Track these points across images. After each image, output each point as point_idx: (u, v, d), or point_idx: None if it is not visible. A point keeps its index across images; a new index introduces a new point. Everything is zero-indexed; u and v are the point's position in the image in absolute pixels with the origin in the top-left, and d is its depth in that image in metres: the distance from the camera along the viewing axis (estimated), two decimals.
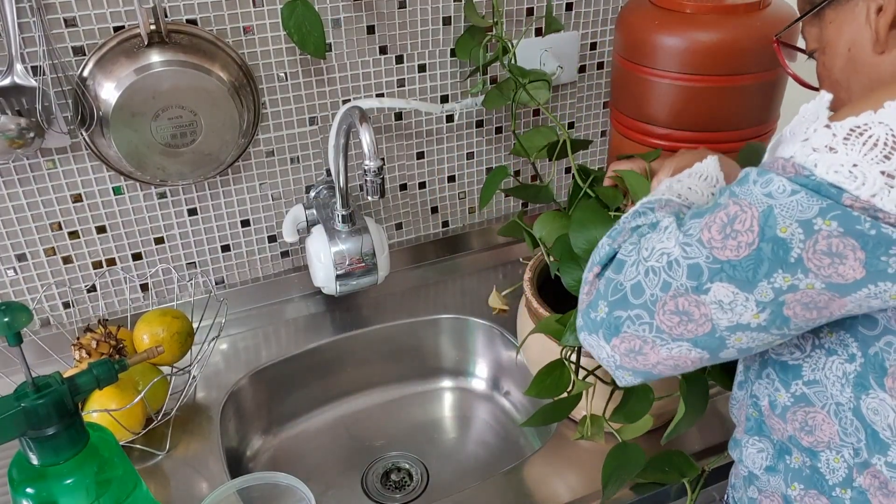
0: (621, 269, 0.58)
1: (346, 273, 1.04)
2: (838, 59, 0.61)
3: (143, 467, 0.87)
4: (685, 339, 0.55)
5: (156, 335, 0.91)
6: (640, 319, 0.56)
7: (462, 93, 1.12)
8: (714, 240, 0.52)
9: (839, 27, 0.60)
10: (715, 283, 0.52)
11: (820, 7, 0.61)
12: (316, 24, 0.93)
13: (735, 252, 0.51)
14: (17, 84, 0.84)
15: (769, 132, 0.99)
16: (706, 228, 0.53)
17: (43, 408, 0.60)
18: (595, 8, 1.14)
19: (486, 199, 1.03)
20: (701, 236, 0.53)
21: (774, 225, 0.49)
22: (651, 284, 0.55)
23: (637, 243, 0.58)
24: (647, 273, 0.55)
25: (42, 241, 0.97)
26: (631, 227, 0.62)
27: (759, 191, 0.50)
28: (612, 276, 0.58)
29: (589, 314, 0.60)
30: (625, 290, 0.57)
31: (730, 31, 0.89)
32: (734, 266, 0.51)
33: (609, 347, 0.59)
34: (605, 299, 0.58)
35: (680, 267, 0.54)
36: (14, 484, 0.63)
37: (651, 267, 0.55)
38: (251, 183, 1.05)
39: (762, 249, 0.50)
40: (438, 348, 1.15)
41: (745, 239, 0.50)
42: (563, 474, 0.86)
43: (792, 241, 0.49)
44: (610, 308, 0.58)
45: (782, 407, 0.62)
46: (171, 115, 0.90)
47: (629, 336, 0.57)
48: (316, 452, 1.06)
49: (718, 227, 0.52)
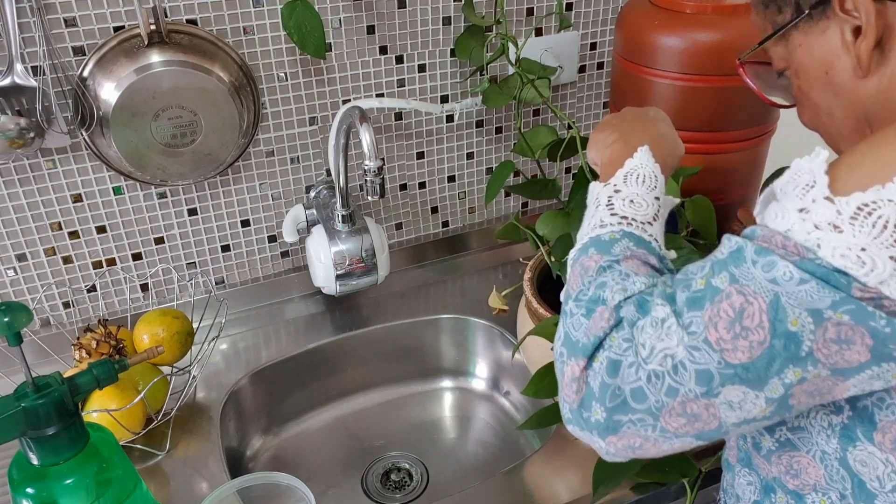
0: (616, 371, 0.52)
1: (346, 273, 1.04)
2: (814, 82, 0.58)
3: (143, 467, 0.87)
4: (689, 435, 0.52)
5: (156, 335, 0.91)
6: (642, 422, 0.52)
7: (462, 93, 1.12)
8: (723, 340, 0.48)
9: (809, 50, 0.57)
10: (727, 387, 0.49)
11: (784, 29, 0.58)
12: (316, 24, 0.93)
13: (747, 354, 0.47)
14: (17, 84, 0.84)
15: (769, 132, 0.99)
16: (712, 326, 0.48)
17: (43, 408, 0.60)
18: (595, 8, 1.14)
19: (493, 193, 1.03)
20: (708, 336, 0.49)
21: (785, 318, 0.46)
22: (655, 390, 0.50)
23: (630, 339, 0.52)
24: (650, 378, 0.50)
25: (42, 241, 0.97)
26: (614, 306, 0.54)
27: (761, 275, 0.47)
28: (607, 380, 0.52)
29: (580, 414, 0.54)
30: (624, 394, 0.52)
31: (730, 31, 0.89)
32: (746, 368, 0.48)
33: (604, 443, 0.54)
34: (600, 403, 0.52)
35: (687, 371, 0.49)
36: (14, 484, 0.63)
37: (654, 371, 0.50)
38: (251, 183, 1.05)
39: (774, 346, 0.47)
40: (438, 348, 1.15)
41: (756, 337, 0.47)
42: (563, 474, 0.86)
43: (802, 333, 0.46)
44: (608, 413, 0.52)
45: (767, 450, 0.61)
46: (171, 115, 0.90)
47: (629, 435, 0.53)
48: (316, 452, 1.06)
49: (725, 324, 0.48)
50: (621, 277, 0.56)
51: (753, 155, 0.99)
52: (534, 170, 1.22)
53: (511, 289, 1.11)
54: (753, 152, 0.98)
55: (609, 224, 0.61)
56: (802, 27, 0.57)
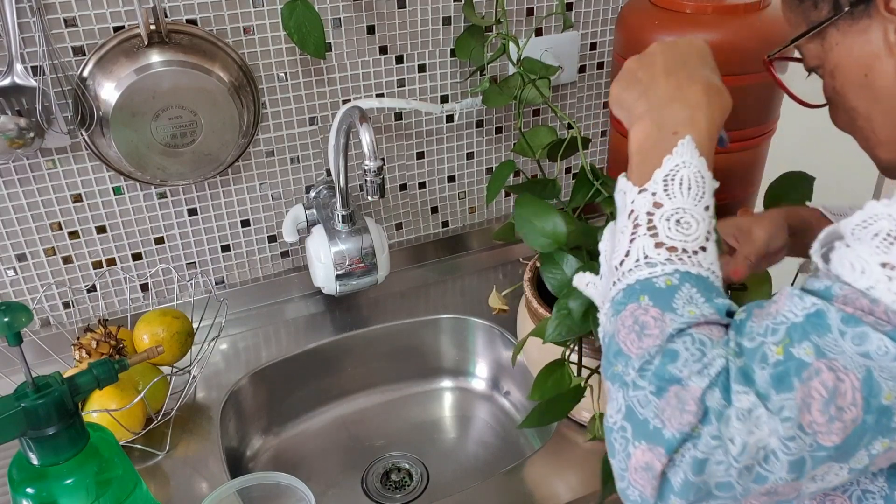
0: (703, 470, 0.46)
1: (346, 273, 1.04)
2: (852, 85, 0.55)
3: (143, 467, 0.87)
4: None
5: (156, 335, 0.91)
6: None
7: (462, 93, 1.12)
8: (817, 423, 0.44)
9: (848, 50, 0.54)
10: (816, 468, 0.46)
11: (820, 26, 0.55)
12: (316, 24, 0.93)
13: (841, 436, 0.44)
14: (17, 84, 0.84)
15: (769, 132, 0.99)
16: (805, 409, 0.44)
17: (43, 408, 0.60)
18: (595, 8, 1.14)
19: (494, 192, 1.03)
20: (801, 421, 0.44)
21: (879, 393, 0.43)
22: (743, 482, 0.46)
23: (719, 437, 0.46)
24: (741, 474, 0.46)
25: (42, 241, 0.97)
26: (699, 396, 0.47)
27: (851, 349, 0.43)
28: (691, 478, 0.47)
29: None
30: (709, 488, 0.47)
31: (730, 31, 0.89)
32: (837, 448, 0.45)
33: None
34: (681, 497, 0.47)
35: (779, 462, 0.45)
36: (14, 484, 0.63)
37: (745, 467, 0.46)
38: (251, 183, 1.05)
39: (866, 422, 0.44)
40: (438, 348, 1.15)
41: (849, 416, 0.44)
42: (563, 474, 0.86)
43: (894, 406, 0.43)
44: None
45: None
46: (171, 115, 0.90)
47: None
48: (316, 452, 1.06)
49: (819, 406, 0.44)
50: (697, 349, 0.48)
51: (753, 155, 0.99)
52: (534, 169, 1.22)
53: (511, 289, 1.11)
54: (753, 152, 0.98)
55: (658, 262, 0.53)
56: (841, 25, 0.54)
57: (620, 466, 0.50)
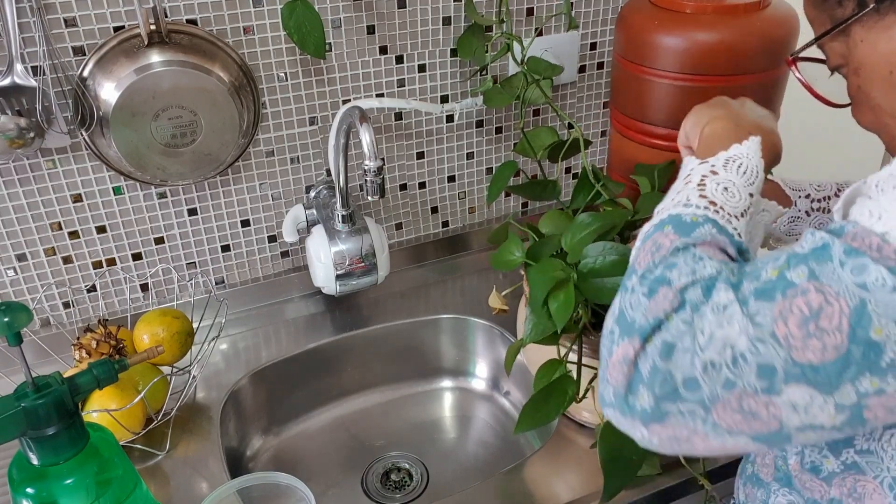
0: (670, 354, 0.48)
1: (346, 273, 1.03)
2: (877, 82, 0.54)
3: (143, 467, 0.87)
4: (745, 434, 0.48)
5: (156, 335, 0.91)
6: (693, 414, 0.48)
7: (462, 93, 1.12)
8: (792, 336, 0.44)
9: (873, 46, 0.53)
10: (791, 385, 0.45)
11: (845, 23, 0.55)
12: (316, 24, 0.93)
13: (819, 355, 0.44)
14: (17, 84, 0.84)
15: None
16: (781, 320, 0.45)
17: (43, 408, 0.60)
18: (595, 8, 1.14)
19: (495, 193, 1.03)
20: (775, 330, 0.45)
21: (868, 325, 0.43)
22: (710, 382, 0.46)
23: (690, 323, 0.48)
24: (706, 368, 0.46)
25: (42, 241, 0.97)
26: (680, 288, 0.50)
27: (849, 278, 0.43)
28: (658, 364, 0.48)
29: (626, 399, 0.50)
30: (675, 382, 0.47)
31: (730, 31, 0.89)
32: (816, 370, 0.44)
33: (647, 430, 0.50)
34: (649, 388, 0.48)
35: (748, 365, 0.45)
36: (14, 484, 0.63)
37: (710, 361, 0.46)
38: (251, 183, 1.05)
39: (851, 352, 0.43)
40: (438, 348, 1.15)
41: (831, 340, 0.43)
42: (563, 474, 0.86)
43: (886, 343, 0.43)
44: (656, 400, 0.48)
45: (829, 472, 0.57)
46: (171, 115, 0.90)
47: (676, 426, 0.48)
48: (316, 452, 1.06)
49: (797, 320, 0.44)
50: (693, 260, 0.51)
51: None
52: (534, 170, 1.22)
53: (511, 289, 1.11)
54: None
55: (695, 205, 0.56)
56: (866, 22, 0.54)
57: (603, 368, 0.52)
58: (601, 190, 0.92)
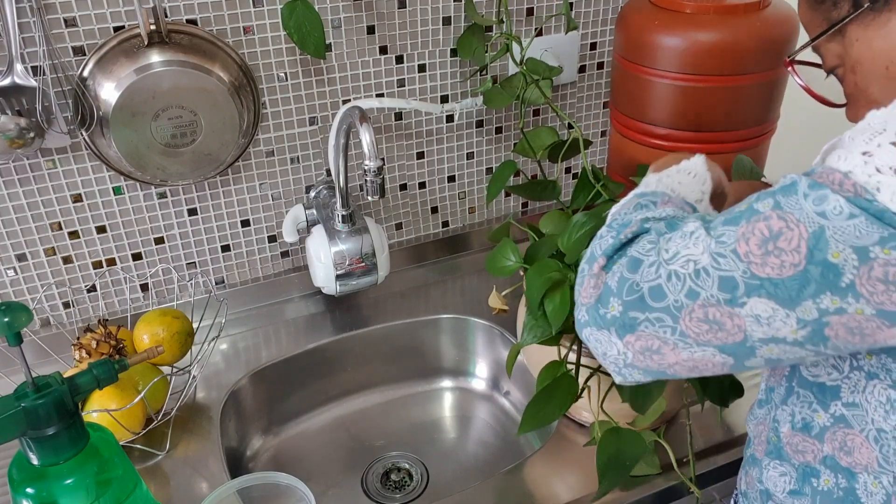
0: (637, 268, 0.53)
1: (346, 273, 1.04)
2: (874, 77, 0.56)
3: (143, 467, 0.87)
4: (712, 345, 0.51)
5: (156, 335, 0.91)
6: (660, 322, 0.52)
7: (462, 93, 1.12)
8: (752, 254, 0.48)
9: (868, 44, 0.55)
10: (752, 298, 0.48)
11: (841, 23, 0.56)
12: (316, 25, 0.93)
13: (777, 271, 0.47)
14: (17, 84, 0.84)
15: (769, 132, 0.99)
16: (743, 240, 0.48)
17: (43, 408, 0.60)
18: (595, 8, 1.14)
19: (495, 193, 1.03)
20: (737, 248, 0.49)
21: (825, 249, 0.45)
22: (674, 290, 0.51)
23: (655, 242, 0.53)
24: (670, 277, 0.51)
25: (42, 241, 0.97)
26: (641, 219, 0.56)
27: (810, 207, 0.46)
28: (626, 275, 0.53)
29: (597, 310, 0.55)
30: (642, 291, 0.52)
31: (730, 31, 0.89)
32: (776, 284, 0.47)
33: (621, 343, 0.54)
34: (618, 297, 0.53)
35: (710, 277, 0.49)
36: (14, 484, 0.63)
37: (674, 271, 0.51)
38: (251, 183, 1.05)
39: (809, 271, 0.46)
40: (438, 348, 1.15)
41: (789, 259, 0.47)
42: (563, 474, 0.86)
43: (844, 266, 0.45)
44: (624, 308, 0.53)
45: (821, 427, 0.59)
46: (171, 115, 0.90)
47: (647, 335, 0.53)
48: (316, 452, 1.06)
49: (758, 241, 0.48)
50: (654, 207, 0.58)
51: (753, 155, 0.98)
52: (534, 170, 1.22)
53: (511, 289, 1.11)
54: (753, 152, 0.98)
55: (653, 187, 0.64)
56: (861, 21, 0.55)
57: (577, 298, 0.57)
58: (601, 190, 0.92)
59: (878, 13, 0.54)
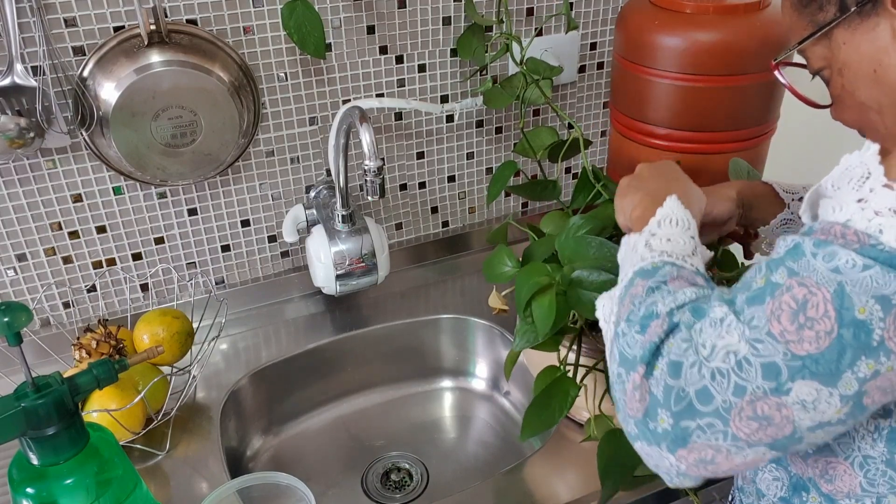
0: (679, 372, 0.51)
1: (346, 273, 1.04)
2: (861, 81, 0.56)
3: (143, 467, 0.87)
4: (763, 443, 0.50)
5: (156, 335, 0.91)
6: (712, 428, 0.50)
7: (462, 93, 1.12)
8: (787, 332, 0.47)
9: (855, 48, 0.55)
10: (797, 382, 0.47)
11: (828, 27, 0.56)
12: (316, 25, 0.93)
13: (815, 345, 0.46)
14: (17, 84, 0.84)
15: (769, 132, 0.99)
16: (774, 318, 0.48)
17: (43, 408, 0.60)
18: (595, 8, 1.14)
19: (495, 193, 1.03)
20: (770, 328, 0.48)
21: (851, 306, 0.45)
22: (721, 389, 0.49)
23: (689, 339, 0.52)
24: (714, 376, 0.49)
25: (42, 241, 0.97)
26: (666, 314, 0.54)
27: (822, 266, 0.46)
28: (669, 382, 0.51)
29: (647, 424, 0.53)
30: (689, 397, 0.50)
31: (730, 31, 0.89)
32: (816, 360, 0.46)
33: (673, 458, 0.52)
34: (665, 408, 0.51)
35: (752, 367, 0.48)
36: (14, 484, 0.63)
37: (717, 369, 0.49)
38: (251, 183, 1.05)
39: (843, 336, 0.46)
40: (438, 348, 1.15)
41: (822, 327, 0.46)
42: (563, 474, 0.86)
43: (871, 321, 0.45)
44: (675, 419, 0.51)
45: (804, 452, 0.59)
46: (171, 115, 0.90)
47: (700, 446, 0.51)
48: (316, 452, 1.06)
49: (788, 315, 0.47)
50: (670, 292, 0.56)
51: (753, 155, 0.98)
52: (534, 170, 1.22)
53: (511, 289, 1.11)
54: (753, 152, 0.98)
55: (650, 257, 0.61)
56: (848, 25, 0.55)
57: (621, 409, 0.55)
58: (601, 190, 0.92)
59: (865, 17, 0.54)
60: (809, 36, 0.58)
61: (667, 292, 0.56)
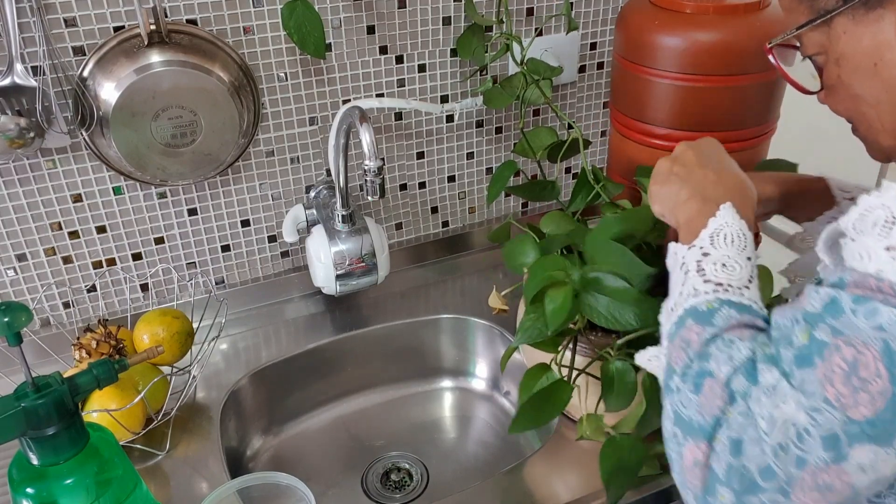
0: (740, 450, 0.50)
1: (346, 273, 1.04)
2: (860, 74, 0.55)
3: (143, 467, 0.87)
4: None
5: (156, 335, 0.91)
6: (774, 502, 0.49)
7: (462, 93, 1.12)
8: (843, 396, 0.46)
9: (857, 39, 0.54)
10: (854, 448, 0.46)
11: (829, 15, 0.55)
12: (316, 25, 0.93)
13: (871, 408, 0.46)
14: (17, 84, 0.84)
15: (769, 132, 0.99)
16: (827, 383, 0.47)
17: (43, 408, 0.60)
18: (595, 8, 1.14)
19: (495, 194, 1.03)
20: (826, 394, 0.47)
21: None
22: (783, 464, 0.48)
23: (747, 413, 0.50)
24: (776, 453, 0.48)
25: (42, 241, 0.97)
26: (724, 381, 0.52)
27: (865, 325, 0.46)
28: (731, 462, 0.50)
29: (706, 501, 0.52)
30: (752, 475, 0.49)
31: (730, 31, 0.89)
32: (872, 423, 0.46)
33: None
34: (728, 487, 0.50)
35: (812, 437, 0.47)
36: (14, 484, 0.63)
37: (779, 444, 0.48)
38: (251, 183, 1.05)
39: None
40: (438, 348, 1.15)
41: (876, 388, 0.45)
42: (563, 474, 0.86)
43: None
44: (736, 496, 0.50)
45: None
46: (171, 115, 0.90)
47: None
48: (316, 452, 1.06)
49: (842, 378, 0.46)
50: (726, 346, 0.54)
51: (753, 155, 0.99)
52: (534, 170, 1.22)
53: (511, 289, 1.11)
54: (753, 152, 0.98)
55: (703, 292, 0.58)
56: (851, 15, 0.54)
57: (677, 472, 0.54)
58: (601, 191, 0.92)
59: (870, 8, 0.53)
60: (809, 22, 0.57)
61: (722, 344, 0.54)
